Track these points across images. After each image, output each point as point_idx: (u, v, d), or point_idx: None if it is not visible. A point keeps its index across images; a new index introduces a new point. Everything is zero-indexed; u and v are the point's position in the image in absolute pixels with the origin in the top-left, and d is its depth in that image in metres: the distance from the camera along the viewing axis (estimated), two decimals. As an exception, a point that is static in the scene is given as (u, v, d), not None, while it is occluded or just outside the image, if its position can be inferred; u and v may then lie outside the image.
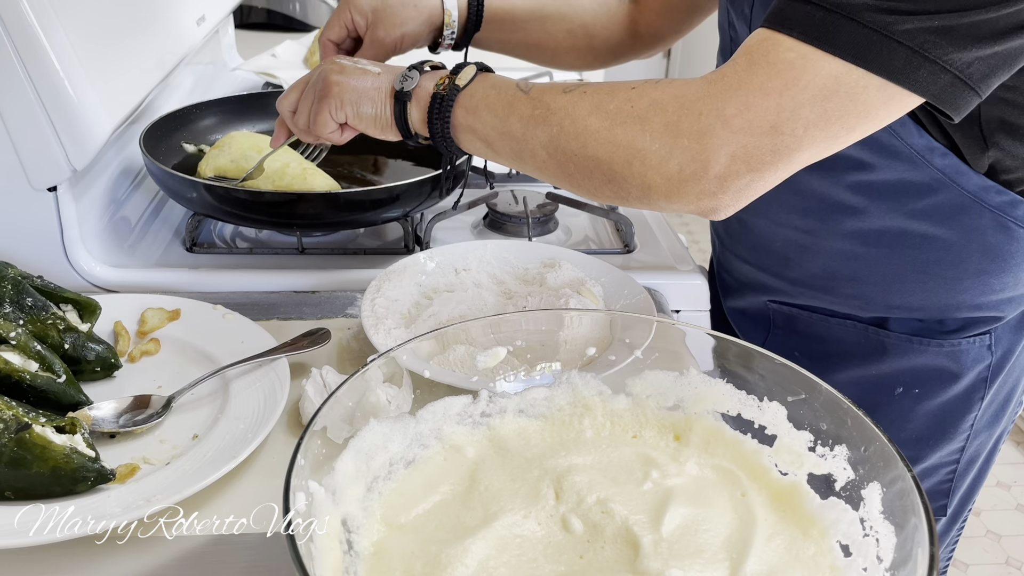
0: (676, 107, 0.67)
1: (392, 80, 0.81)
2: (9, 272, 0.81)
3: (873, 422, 0.54)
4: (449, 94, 0.77)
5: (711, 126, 0.66)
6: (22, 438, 0.65)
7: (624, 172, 0.70)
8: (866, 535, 0.53)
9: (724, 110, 0.66)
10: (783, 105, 0.65)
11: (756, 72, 0.66)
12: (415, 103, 0.79)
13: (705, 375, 0.64)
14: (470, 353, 0.73)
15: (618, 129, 0.69)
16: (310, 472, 0.52)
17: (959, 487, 1.01)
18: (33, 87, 0.89)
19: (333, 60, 0.85)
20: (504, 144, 0.76)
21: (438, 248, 0.99)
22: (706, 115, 0.66)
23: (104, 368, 0.81)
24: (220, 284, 1.01)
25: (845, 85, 0.64)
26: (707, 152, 0.66)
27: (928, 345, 0.90)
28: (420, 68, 0.81)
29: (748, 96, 0.65)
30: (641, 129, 0.68)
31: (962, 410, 0.94)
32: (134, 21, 1.09)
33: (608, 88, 0.71)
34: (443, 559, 0.52)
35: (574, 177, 0.73)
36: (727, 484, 0.60)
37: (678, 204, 0.70)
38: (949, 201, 0.82)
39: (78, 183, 0.99)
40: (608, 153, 0.70)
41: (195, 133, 1.21)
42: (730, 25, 0.95)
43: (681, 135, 0.67)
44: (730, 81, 0.66)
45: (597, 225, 1.18)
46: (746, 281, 1.03)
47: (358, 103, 0.81)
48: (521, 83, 0.77)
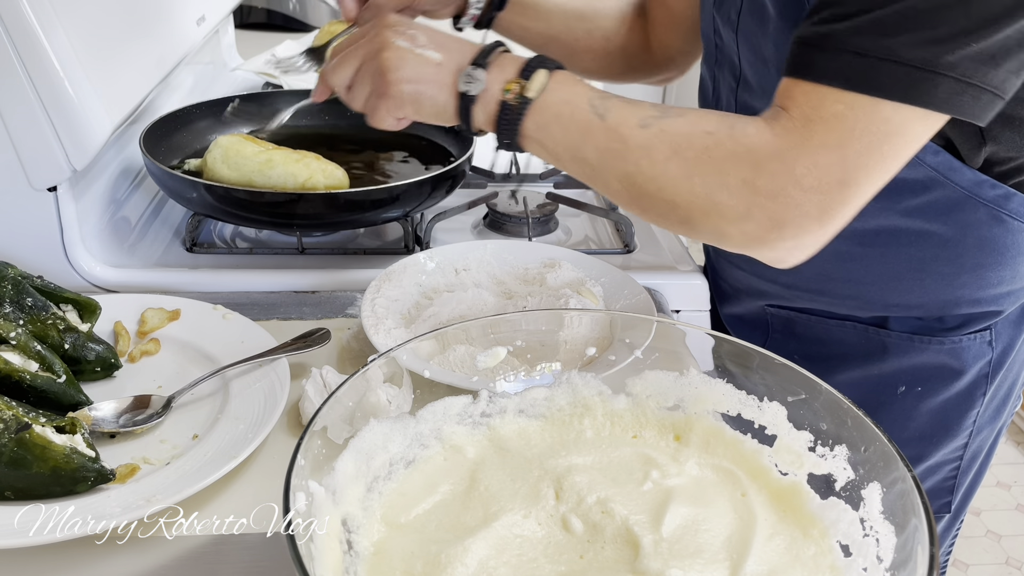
0: (752, 164, 0.68)
1: (455, 73, 0.76)
2: (9, 272, 0.81)
3: (873, 422, 0.54)
4: (519, 106, 0.74)
5: (785, 187, 0.68)
6: (22, 438, 0.65)
7: (701, 220, 0.71)
8: (866, 535, 0.53)
9: (795, 170, 0.67)
10: (846, 158, 0.66)
11: (814, 129, 0.67)
12: (480, 106, 0.76)
13: (705, 375, 0.64)
14: (470, 353, 0.73)
15: (696, 179, 0.70)
16: (310, 472, 0.52)
17: (962, 483, 1.01)
18: (33, 87, 0.89)
19: (388, 38, 0.77)
20: (576, 166, 0.76)
21: (438, 248, 0.99)
22: (779, 175, 0.68)
23: (104, 368, 0.81)
24: (220, 284, 1.01)
25: (895, 124, 0.66)
26: (782, 213, 0.68)
27: (929, 343, 0.90)
28: (485, 61, 0.75)
29: (814, 155, 0.67)
30: (720, 184, 0.69)
31: (965, 407, 0.94)
32: (134, 21, 1.09)
33: (685, 130, 0.71)
34: (443, 559, 0.52)
35: (648, 212, 0.74)
36: (727, 484, 0.60)
37: (750, 253, 0.73)
38: (943, 197, 0.82)
39: (78, 183, 0.99)
40: (686, 201, 0.71)
41: (195, 133, 1.21)
42: (715, 32, 0.94)
43: (758, 194, 0.68)
44: (794, 139, 0.68)
45: (597, 225, 1.18)
46: (741, 287, 1.03)
47: (418, 101, 0.77)
48: (595, 99, 0.74)
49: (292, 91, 1.33)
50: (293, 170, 1.02)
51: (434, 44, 0.77)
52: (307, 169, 1.02)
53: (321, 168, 1.02)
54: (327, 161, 1.04)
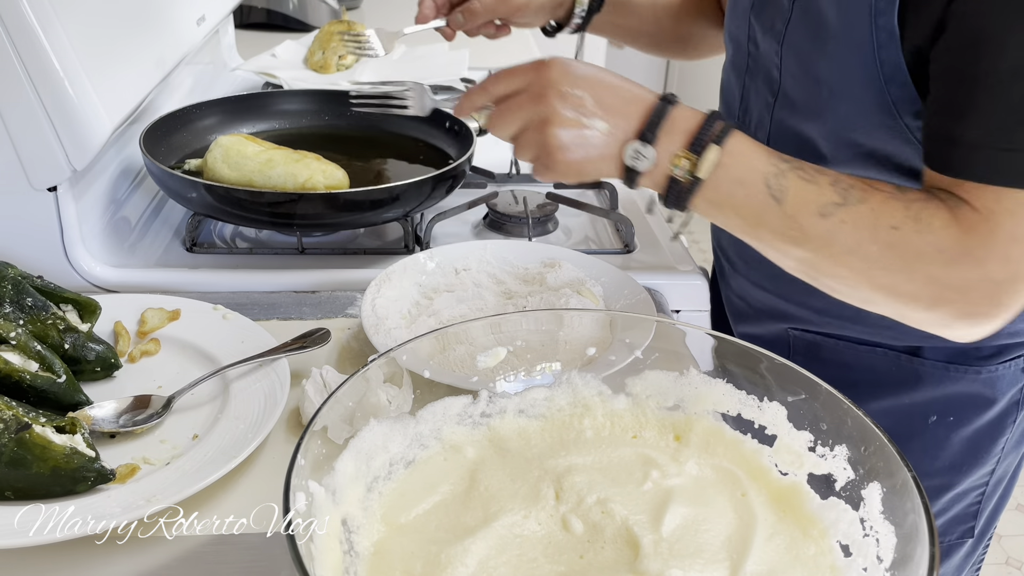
0: (941, 262, 0.68)
1: (622, 143, 0.72)
2: (9, 272, 0.81)
3: (873, 422, 0.54)
4: (689, 185, 0.71)
5: (977, 283, 0.68)
6: (22, 438, 0.65)
7: (881, 305, 0.72)
8: (866, 535, 0.53)
9: (986, 266, 0.67)
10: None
11: (1000, 221, 0.67)
12: (647, 178, 0.73)
13: (705, 375, 0.64)
14: (470, 353, 0.73)
15: (879, 273, 0.69)
16: (310, 472, 0.52)
17: (986, 508, 0.99)
18: (33, 87, 0.89)
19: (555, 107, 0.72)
20: (748, 239, 0.74)
21: (438, 248, 0.99)
22: (970, 271, 0.67)
23: (104, 368, 0.81)
24: (220, 284, 1.01)
25: None
26: (971, 306, 0.68)
27: (965, 373, 0.89)
28: (653, 136, 0.71)
29: (1006, 248, 0.67)
30: (906, 279, 0.69)
31: (995, 434, 0.92)
32: (134, 21, 1.09)
33: (869, 221, 0.69)
34: (443, 559, 0.52)
35: (823, 287, 0.74)
36: (727, 484, 0.60)
37: (933, 332, 0.73)
38: None
39: (78, 183, 0.99)
40: (868, 290, 0.71)
41: (195, 133, 1.21)
42: (751, 39, 0.90)
43: (947, 289, 0.68)
44: (983, 234, 0.67)
45: (597, 225, 1.18)
46: (763, 308, 0.99)
47: (583, 172, 0.74)
48: (771, 178, 0.70)
49: (293, 91, 1.33)
50: (293, 170, 1.02)
51: (601, 108, 0.73)
52: (307, 169, 1.02)
53: (321, 168, 1.02)
54: (327, 161, 1.04)
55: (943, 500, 0.96)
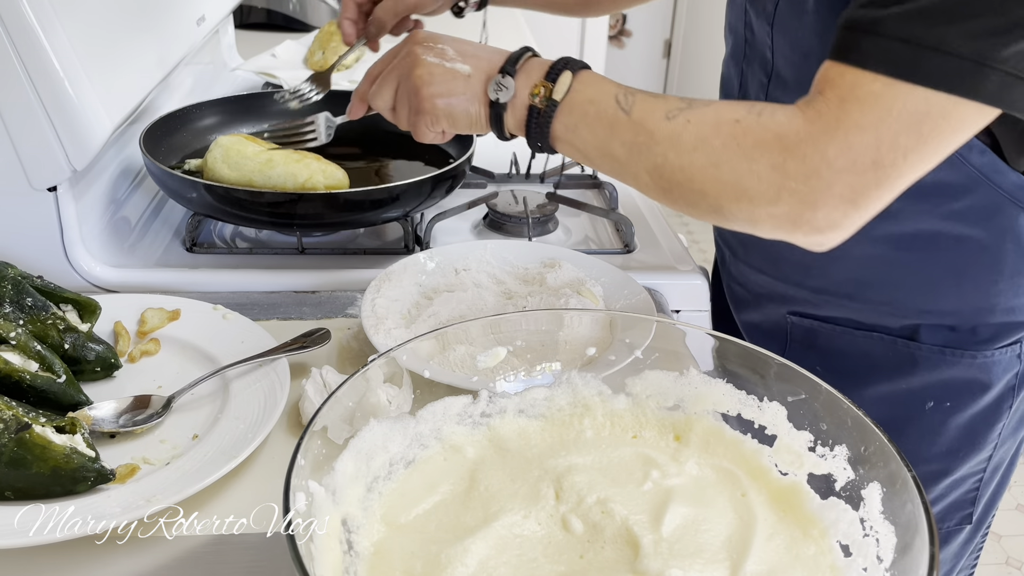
0: (781, 148, 0.67)
1: (485, 84, 0.78)
2: (9, 272, 0.81)
3: (873, 422, 0.54)
4: (547, 109, 0.76)
5: (816, 169, 0.66)
6: (22, 438, 0.65)
7: (731, 207, 0.71)
8: (866, 535, 0.53)
9: (827, 152, 0.66)
10: (881, 138, 0.65)
11: (849, 109, 0.66)
12: (511, 112, 0.78)
13: (705, 375, 0.64)
14: (470, 353, 0.73)
15: (725, 167, 0.69)
16: (310, 472, 0.52)
17: (984, 494, 0.99)
18: (33, 87, 0.89)
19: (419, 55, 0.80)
20: (605, 163, 0.76)
21: (438, 248, 0.99)
22: (810, 157, 0.66)
23: (104, 368, 0.81)
24: (220, 284, 1.01)
25: (936, 107, 0.64)
26: (814, 195, 0.67)
27: (961, 357, 0.89)
28: (512, 69, 0.77)
29: (847, 135, 0.65)
30: (748, 170, 0.69)
31: (992, 420, 0.93)
32: (134, 21, 1.09)
33: (712, 117, 0.70)
34: (443, 559, 0.52)
35: (678, 203, 0.74)
36: (727, 484, 0.60)
37: (784, 238, 0.71)
38: (984, 201, 0.81)
39: (78, 183, 0.99)
40: (715, 190, 0.70)
41: (195, 133, 1.21)
42: (747, 26, 0.93)
43: (788, 178, 0.67)
44: (828, 120, 0.66)
45: (597, 225, 1.18)
46: (762, 292, 1.01)
47: (452, 115, 0.80)
48: (620, 96, 0.74)
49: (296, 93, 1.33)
50: (293, 170, 1.01)
51: (463, 56, 0.79)
52: (307, 169, 1.02)
53: (321, 168, 1.02)
54: (327, 161, 1.04)
55: (941, 486, 0.96)
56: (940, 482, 0.96)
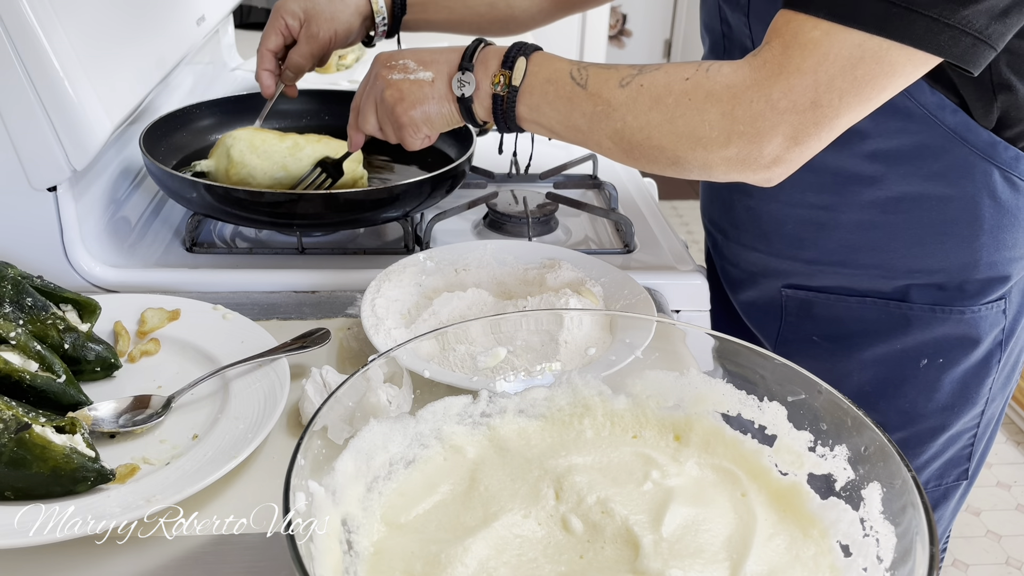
0: (729, 97, 0.73)
1: (448, 83, 0.84)
2: (9, 272, 0.81)
3: (873, 422, 0.54)
4: (508, 96, 0.81)
5: (762, 111, 0.72)
6: (22, 438, 0.65)
7: (687, 156, 0.76)
8: (866, 535, 0.53)
9: (771, 95, 0.72)
10: (819, 80, 0.70)
11: (791, 54, 0.71)
12: (478, 102, 0.83)
13: (705, 375, 0.64)
14: (470, 353, 0.73)
15: (679, 121, 0.75)
16: (310, 472, 0.52)
17: (977, 450, 1.04)
18: (33, 87, 0.89)
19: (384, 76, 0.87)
20: (570, 134, 0.81)
21: (438, 248, 0.99)
22: (756, 102, 0.72)
23: (104, 368, 0.81)
24: (220, 284, 1.01)
25: (870, 51, 0.69)
26: (760, 135, 0.73)
27: (950, 314, 0.93)
28: (470, 64, 0.83)
29: (789, 78, 0.71)
30: (700, 120, 0.74)
31: (983, 375, 0.97)
32: (134, 21, 1.09)
33: (663, 79, 0.76)
34: (443, 559, 0.52)
35: (639, 161, 0.80)
36: (727, 484, 0.60)
37: (736, 178, 0.77)
38: (960, 160, 0.86)
39: (78, 183, 0.99)
40: (672, 143, 0.76)
41: (195, 133, 1.21)
42: (723, 21, 0.97)
43: (737, 122, 0.73)
44: (772, 67, 0.72)
45: (597, 225, 1.18)
46: (756, 270, 1.04)
47: (430, 120, 0.87)
48: (574, 71, 0.79)
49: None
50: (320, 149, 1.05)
51: (424, 64, 0.86)
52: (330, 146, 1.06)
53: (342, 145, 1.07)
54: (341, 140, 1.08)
55: (938, 442, 1.01)
56: (938, 438, 1.00)
